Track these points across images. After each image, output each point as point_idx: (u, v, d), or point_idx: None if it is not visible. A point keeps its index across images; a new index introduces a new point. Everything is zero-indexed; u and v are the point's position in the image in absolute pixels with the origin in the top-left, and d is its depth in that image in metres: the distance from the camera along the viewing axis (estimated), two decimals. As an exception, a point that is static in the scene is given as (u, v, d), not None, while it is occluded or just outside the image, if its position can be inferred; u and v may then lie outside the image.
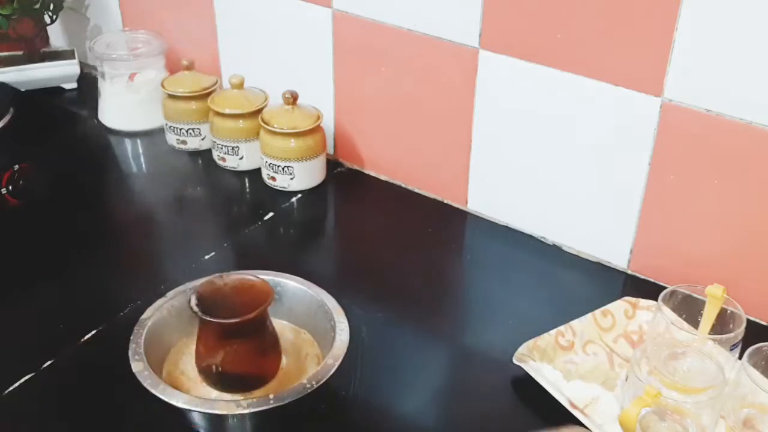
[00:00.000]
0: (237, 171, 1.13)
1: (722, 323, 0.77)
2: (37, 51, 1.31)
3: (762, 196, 0.82)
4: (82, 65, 1.34)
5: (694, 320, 0.79)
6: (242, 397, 0.72)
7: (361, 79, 1.07)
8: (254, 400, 0.70)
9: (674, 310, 0.78)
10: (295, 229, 1.06)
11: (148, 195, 1.13)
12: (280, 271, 0.84)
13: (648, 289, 0.93)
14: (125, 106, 1.22)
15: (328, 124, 1.13)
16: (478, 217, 1.05)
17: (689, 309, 0.79)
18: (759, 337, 0.87)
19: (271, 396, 0.70)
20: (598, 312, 0.84)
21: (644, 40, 0.83)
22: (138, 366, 0.73)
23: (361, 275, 0.96)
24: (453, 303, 0.94)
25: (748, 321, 0.88)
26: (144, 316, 0.79)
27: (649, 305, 0.85)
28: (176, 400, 0.70)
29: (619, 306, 0.85)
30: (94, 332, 0.84)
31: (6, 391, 0.77)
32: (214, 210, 1.09)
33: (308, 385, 0.71)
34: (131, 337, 0.76)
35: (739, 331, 0.75)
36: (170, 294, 0.81)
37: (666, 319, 0.76)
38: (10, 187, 0.99)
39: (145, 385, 0.71)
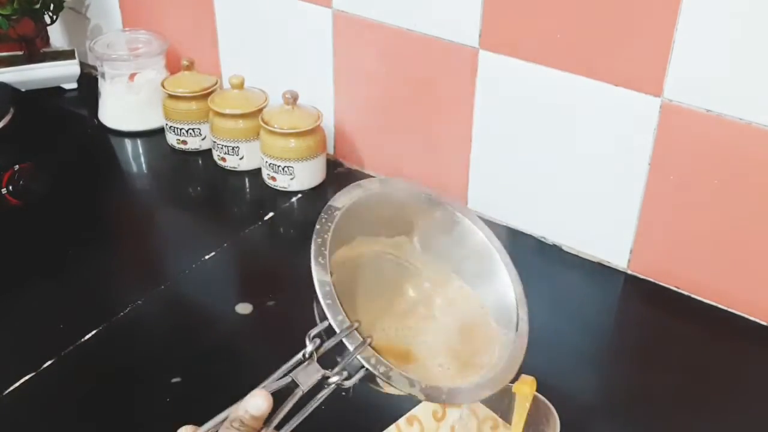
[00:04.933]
0: (237, 171, 1.13)
1: (534, 422, 0.67)
2: (38, 51, 1.31)
3: (762, 196, 0.82)
4: (83, 65, 1.34)
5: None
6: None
7: (361, 79, 1.07)
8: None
9: (491, 407, 0.69)
10: (295, 229, 1.06)
11: (148, 195, 1.13)
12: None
13: (648, 289, 0.93)
14: (125, 106, 1.22)
15: (328, 124, 1.13)
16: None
17: (509, 405, 0.68)
18: (759, 338, 0.87)
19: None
20: (402, 420, 0.72)
21: (644, 40, 0.83)
22: (325, 290, 0.58)
23: (361, 275, 0.96)
24: (453, 303, 0.93)
25: (749, 322, 0.88)
26: (335, 202, 0.63)
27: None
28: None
29: (427, 408, 0.73)
30: (94, 332, 0.85)
31: (6, 391, 0.77)
32: (214, 210, 1.09)
33: None
34: (317, 228, 0.60)
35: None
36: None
37: (475, 418, 0.68)
38: (11, 187, 0.99)
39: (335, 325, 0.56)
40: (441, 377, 0.63)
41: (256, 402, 0.53)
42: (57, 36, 1.41)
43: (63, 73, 1.32)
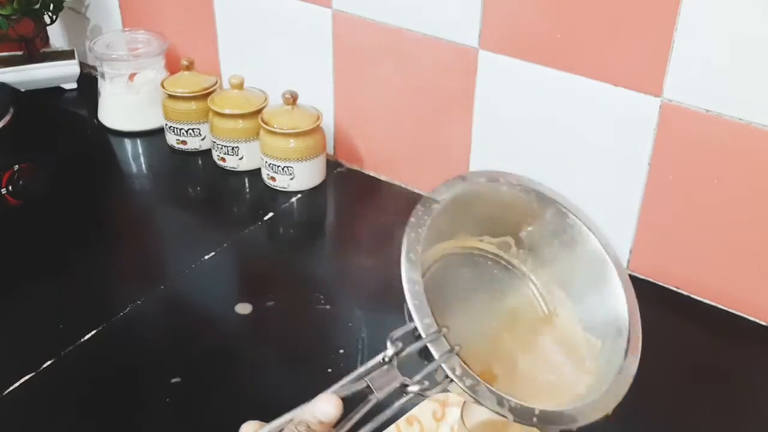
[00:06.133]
0: (237, 171, 1.13)
1: None
2: (37, 51, 1.31)
3: (762, 196, 0.82)
4: (82, 65, 1.34)
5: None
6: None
7: (361, 79, 1.07)
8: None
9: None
10: (294, 230, 1.06)
11: (148, 195, 1.13)
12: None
13: (647, 289, 0.93)
14: (125, 106, 1.22)
15: (328, 124, 1.13)
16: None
17: None
18: (760, 338, 0.87)
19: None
20: (401, 421, 0.71)
21: (644, 40, 0.83)
22: (413, 289, 0.53)
23: (361, 275, 0.96)
24: (453, 303, 0.94)
25: (749, 322, 0.88)
26: (435, 194, 0.58)
27: (461, 402, 0.68)
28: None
29: (426, 408, 0.72)
30: (94, 332, 0.85)
31: (6, 391, 0.77)
32: (214, 210, 1.09)
33: None
34: (411, 221, 0.55)
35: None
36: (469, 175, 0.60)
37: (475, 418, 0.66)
38: (10, 188, 0.99)
39: (433, 351, 0.51)
40: (523, 393, 0.57)
41: (325, 408, 0.49)
42: (57, 36, 1.41)
43: (63, 73, 1.32)
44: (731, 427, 0.77)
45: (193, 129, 1.15)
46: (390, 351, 0.52)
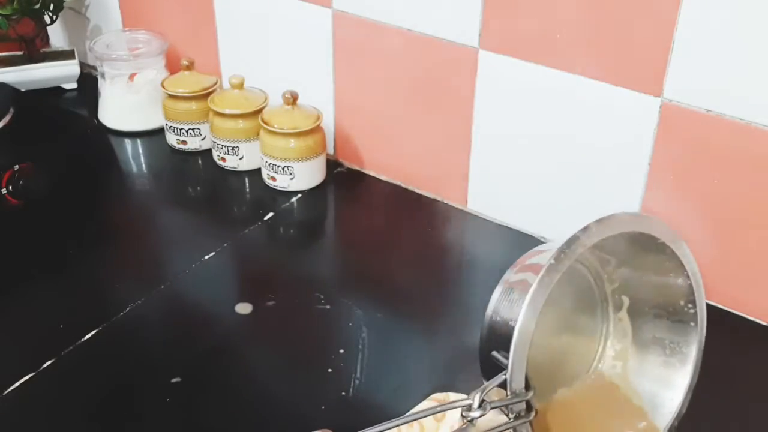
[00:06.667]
0: (237, 171, 1.13)
1: None
2: (37, 51, 1.31)
3: (762, 196, 0.82)
4: (82, 65, 1.34)
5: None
6: None
7: (361, 79, 1.07)
8: None
9: None
10: (295, 230, 1.06)
11: (148, 195, 1.13)
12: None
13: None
14: (125, 106, 1.22)
15: (328, 124, 1.13)
16: (478, 217, 1.05)
17: None
18: (759, 338, 0.87)
19: None
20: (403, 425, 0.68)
21: (644, 41, 0.83)
22: (521, 340, 0.53)
23: (361, 275, 0.96)
24: (453, 303, 0.94)
25: (749, 322, 0.88)
26: (585, 235, 0.55)
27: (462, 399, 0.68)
28: None
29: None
30: (94, 332, 0.85)
31: (6, 391, 0.77)
32: (214, 210, 1.09)
33: None
34: (551, 264, 0.51)
35: None
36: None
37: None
38: (10, 187, 0.99)
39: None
40: None
41: None
42: (57, 36, 1.41)
43: (63, 73, 1.32)
44: (731, 427, 0.77)
45: (193, 129, 1.15)
46: (476, 413, 0.53)
